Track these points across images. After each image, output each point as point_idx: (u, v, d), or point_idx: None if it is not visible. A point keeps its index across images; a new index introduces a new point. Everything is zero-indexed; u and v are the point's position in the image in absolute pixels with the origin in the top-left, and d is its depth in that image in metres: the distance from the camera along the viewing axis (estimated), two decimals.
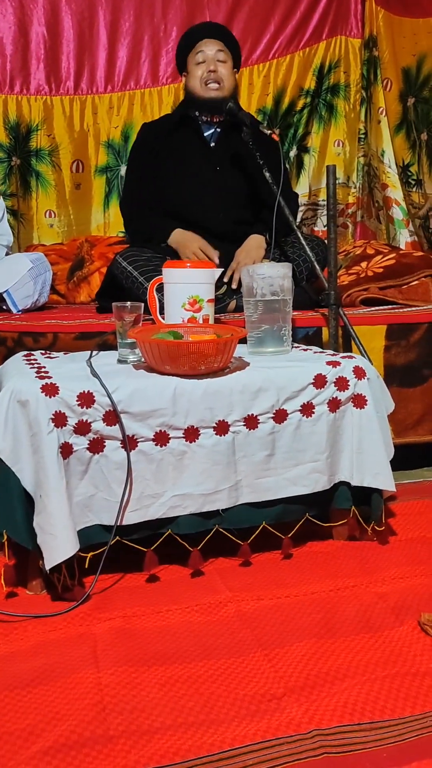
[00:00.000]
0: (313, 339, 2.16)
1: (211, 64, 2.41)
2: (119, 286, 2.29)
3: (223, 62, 2.43)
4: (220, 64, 2.42)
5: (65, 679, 1.17)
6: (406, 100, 3.12)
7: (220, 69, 2.42)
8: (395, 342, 2.19)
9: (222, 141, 2.46)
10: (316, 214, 3.49)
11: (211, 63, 2.42)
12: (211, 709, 1.10)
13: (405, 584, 1.48)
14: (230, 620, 1.35)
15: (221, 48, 2.44)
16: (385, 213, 3.31)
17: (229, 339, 1.56)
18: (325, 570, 1.56)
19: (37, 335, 2.10)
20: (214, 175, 2.45)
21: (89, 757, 1.00)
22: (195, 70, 2.44)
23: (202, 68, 2.42)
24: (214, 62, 2.42)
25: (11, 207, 3.14)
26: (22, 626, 1.34)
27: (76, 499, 1.45)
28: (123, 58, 3.23)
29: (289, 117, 3.41)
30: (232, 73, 2.46)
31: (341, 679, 1.16)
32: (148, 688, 1.15)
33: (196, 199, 2.42)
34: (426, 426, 2.23)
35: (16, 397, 1.41)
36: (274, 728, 1.05)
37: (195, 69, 2.44)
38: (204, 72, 2.41)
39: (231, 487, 1.54)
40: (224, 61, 2.43)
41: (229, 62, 2.45)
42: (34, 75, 3.14)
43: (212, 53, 2.43)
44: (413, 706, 1.10)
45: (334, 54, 3.42)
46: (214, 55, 2.42)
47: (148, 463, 1.49)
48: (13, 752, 1.00)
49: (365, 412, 1.64)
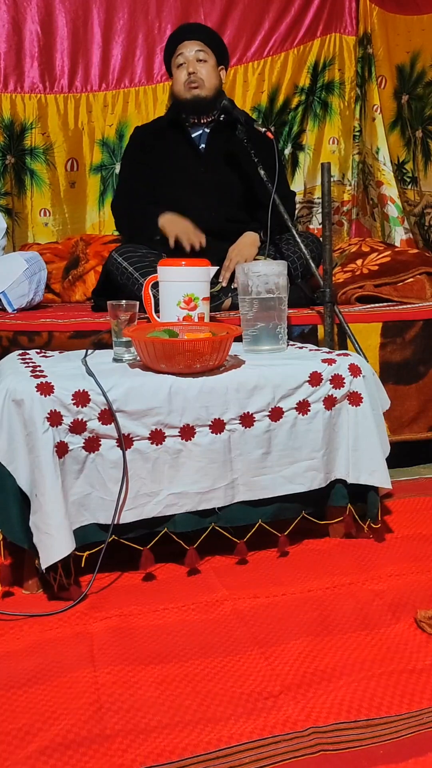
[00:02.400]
0: (308, 337, 2.16)
1: (191, 66, 2.40)
2: (115, 284, 2.29)
3: (203, 61, 2.41)
4: (200, 64, 2.40)
5: (61, 678, 1.17)
6: (401, 98, 3.12)
7: (200, 69, 2.40)
8: (391, 339, 2.19)
9: (211, 142, 2.46)
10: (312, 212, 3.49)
11: (191, 64, 2.40)
12: (207, 707, 1.10)
13: (401, 581, 1.48)
14: (227, 618, 1.35)
15: (200, 47, 2.42)
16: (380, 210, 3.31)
17: (225, 337, 1.56)
18: (322, 568, 1.56)
19: (32, 334, 2.10)
20: (204, 177, 2.45)
21: (86, 756, 0.99)
22: (177, 74, 2.44)
23: (183, 71, 2.41)
24: (194, 63, 2.40)
25: (6, 206, 3.14)
26: (18, 625, 1.34)
27: (71, 498, 1.44)
28: (117, 56, 3.22)
29: (283, 115, 3.40)
30: (214, 71, 2.44)
31: (338, 677, 1.16)
32: (145, 686, 1.15)
33: (187, 200, 2.41)
34: (422, 423, 2.23)
35: (11, 396, 1.41)
36: (270, 726, 1.05)
37: (177, 73, 2.44)
38: (185, 74, 2.40)
39: (227, 485, 1.54)
40: (204, 60, 2.41)
41: (211, 60, 2.43)
42: (28, 73, 3.13)
43: (191, 54, 2.41)
44: (410, 703, 1.10)
45: (328, 51, 3.42)
46: (193, 56, 2.41)
47: (144, 461, 1.49)
48: (9, 752, 1.00)
49: (361, 409, 1.64)
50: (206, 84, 2.42)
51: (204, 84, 2.41)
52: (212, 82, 2.43)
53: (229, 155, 2.44)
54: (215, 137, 2.46)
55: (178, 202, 2.41)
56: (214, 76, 2.44)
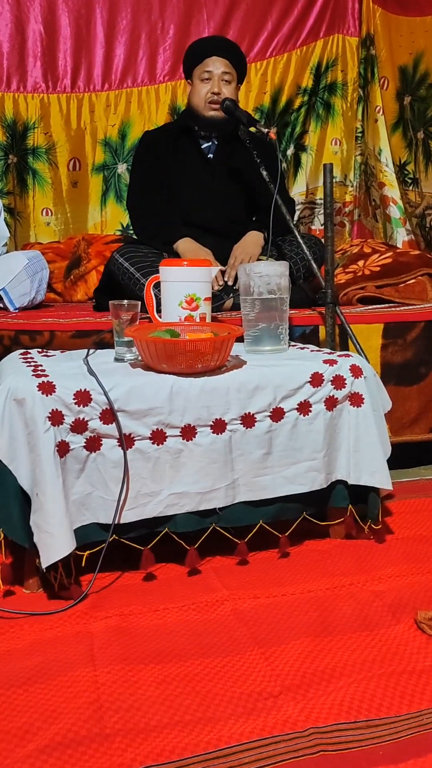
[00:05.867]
0: (310, 337, 2.16)
1: (215, 86, 2.39)
2: (116, 283, 2.29)
3: (228, 82, 2.41)
4: (224, 84, 2.40)
5: (62, 677, 1.17)
6: (403, 99, 3.13)
7: (224, 89, 2.39)
8: (392, 340, 2.19)
9: (219, 153, 2.48)
10: (314, 213, 3.49)
11: (216, 84, 2.39)
12: (207, 707, 1.10)
13: (402, 582, 1.48)
14: (227, 618, 1.35)
15: (228, 68, 2.41)
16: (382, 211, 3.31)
17: (226, 337, 1.56)
18: (322, 568, 1.56)
19: (33, 333, 2.10)
20: (212, 184, 2.47)
21: (85, 755, 0.99)
22: (200, 87, 2.42)
23: (206, 86, 2.40)
24: (219, 83, 2.39)
25: (8, 205, 3.14)
26: (18, 624, 1.34)
27: (72, 497, 1.44)
28: (120, 56, 3.23)
29: (286, 115, 3.41)
30: (235, 91, 2.45)
31: (337, 677, 1.16)
32: (145, 686, 1.15)
33: (194, 204, 2.42)
34: (423, 424, 2.23)
35: (13, 395, 1.41)
36: (270, 726, 1.05)
37: (200, 85, 2.42)
38: (208, 92, 2.40)
39: (228, 485, 1.54)
40: (229, 81, 2.41)
41: (234, 81, 2.43)
42: (30, 73, 3.14)
43: (218, 72, 2.40)
44: (409, 704, 1.10)
45: (331, 52, 3.43)
46: (219, 75, 2.40)
47: (145, 461, 1.49)
48: (9, 750, 1.00)
49: (362, 410, 1.64)
50: None
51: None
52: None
53: (235, 165, 2.47)
54: (223, 147, 2.48)
55: (186, 207, 2.42)
56: (235, 95, 2.44)
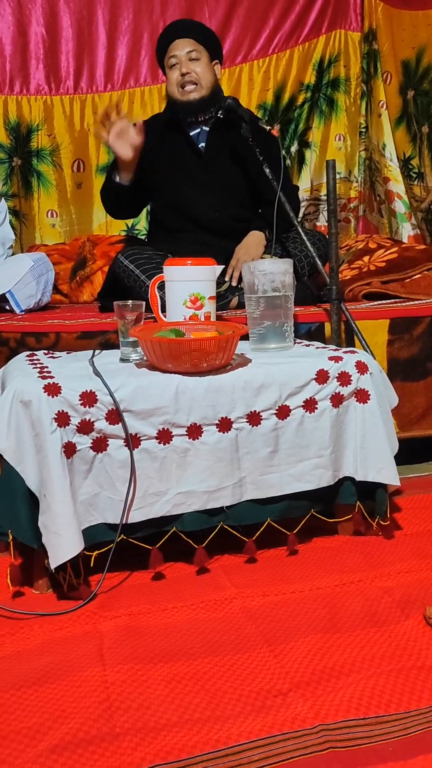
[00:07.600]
0: (315, 334, 2.16)
1: (184, 66, 2.32)
2: (121, 285, 2.29)
3: (197, 60, 2.33)
4: (193, 63, 2.32)
5: (71, 677, 1.18)
6: (406, 93, 3.12)
7: (194, 68, 2.32)
8: (398, 336, 2.19)
9: (211, 140, 2.41)
10: (318, 209, 3.48)
11: (184, 65, 2.32)
12: (216, 705, 1.10)
13: (410, 578, 1.48)
14: (235, 617, 1.36)
15: (192, 46, 2.33)
16: (387, 207, 3.30)
17: (231, 336, 1.56)
18: (331, 565, 1.56)
19: (39, 335, 2.11)
20: (206, 176, 2.41)
21: (96, 754, 1.00)
22: (170, 75, 2.35)
23: (175, 71, 2.33)
24: (186, 63, 2.32)
25: (13, 207, 3.15)
26: (28, 625, 1.35)
27: (80, 498, 1.45)
28: (122, 56, 3.23)
29: (289, 112, 3.40)
30: (208, 68, 2.36)
31: (346, 674, 1.16)
32: (154, 685, 1.15)
33: (191, 201, 2.40)
34: (430, 420, 2.22)
35: (19, 397, 1.41)
36: (279, 723, 1.05)
37: (170, 73, 2.35)
38: (178, 75, 2.33)
39: (235, 483, 1.54)
40: (197, 59, 2.33)
41: (204, 57, 2.35)
42: (33, 75, 3.15)
43: (183, 54, 2.32)
44: (419, 700, 1.10)
45: (333, 48, 3.41)
46: (185, 55, 2.32)
47: (152, 461, 1.49)
48: (20, 750, 1.01)
49: (368, 406, 1.63)
50: (201, 83, 2.34)
51: (199, 82, 2.33)
52: (207, 80, 2.35)
53: (230, 153, 2.41)
54: (215, 135, 2.40)
55: (182, 203, 2.40)
56: (209, 73, 2.35)
